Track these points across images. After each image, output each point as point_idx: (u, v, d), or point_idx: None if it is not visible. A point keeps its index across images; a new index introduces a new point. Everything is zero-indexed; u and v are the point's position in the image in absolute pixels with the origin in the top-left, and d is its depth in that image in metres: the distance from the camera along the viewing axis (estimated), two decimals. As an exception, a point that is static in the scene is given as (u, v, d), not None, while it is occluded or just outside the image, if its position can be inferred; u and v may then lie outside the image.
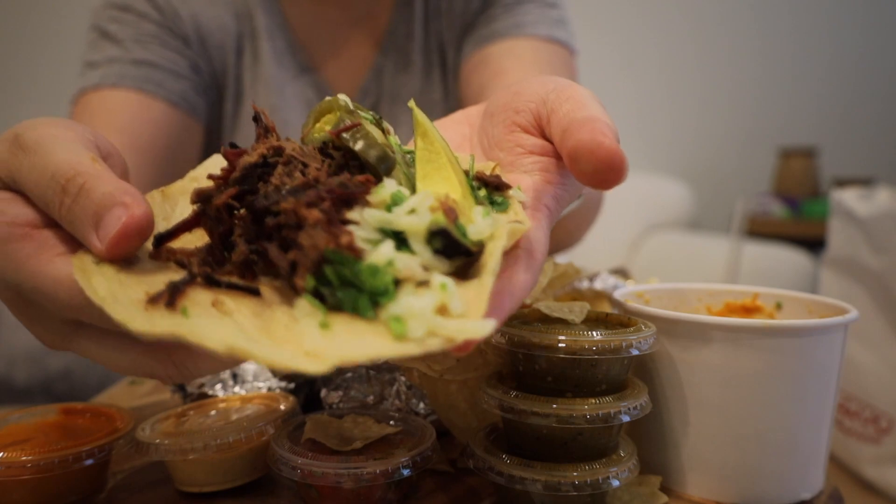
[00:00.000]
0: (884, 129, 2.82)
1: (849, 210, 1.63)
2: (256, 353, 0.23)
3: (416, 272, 0.27)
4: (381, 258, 0.27)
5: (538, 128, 0.36)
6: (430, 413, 0.50)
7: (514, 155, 0.37)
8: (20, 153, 0.30)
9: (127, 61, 0.74)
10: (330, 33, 0.86)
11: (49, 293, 0.28)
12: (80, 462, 0.43)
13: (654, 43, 2.71)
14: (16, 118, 1.25)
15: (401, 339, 0.25)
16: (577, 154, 0.31)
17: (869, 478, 1.61)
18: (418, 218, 0.28)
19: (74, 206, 0.28)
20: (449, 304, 0.26)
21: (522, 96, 0.37)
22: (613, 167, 0.30)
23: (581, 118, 0.32)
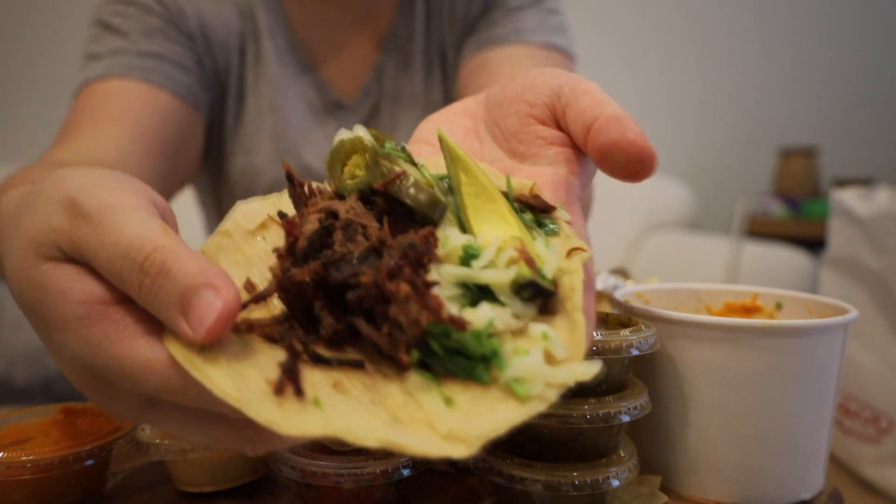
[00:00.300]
0: (884, 129, 2.81)
1: (849, 210, 1.63)
2: (408, 446, 0.24)
3: (512, 324, 0.28)
4: (481, 322, 0.28)
5: (553, 120, 0.38)
6: (430, 413, 0.50)
7: (534, 147, 0.38)
8: (82, 223, 0.27)
9: (133, 53, 0.74)
10: (331, 33, 0.86)
11: (138, 378, 0.26)
12: (80, 462, 0.43)
13: (654, 44, 2.71)
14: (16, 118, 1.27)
15: (526, 401, 0.26)
16: (608, 150, 0.33)
17: (869, 478, 1.61)
18: (503, 273, 0.29)
19: (155, 287, 0.26)
20: (553, 352, 0.27)
21: (535, 89, 0.38)
22: (644, 162, 0.33)
23: (607, 117, 0.34)
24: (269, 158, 0.83)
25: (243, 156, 0.84)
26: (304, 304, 0.30)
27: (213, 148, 0.86)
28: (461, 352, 0.27)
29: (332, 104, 0.86)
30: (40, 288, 0.28)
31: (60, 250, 0.28)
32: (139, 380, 0.26)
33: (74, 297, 0.27)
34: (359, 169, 0.35)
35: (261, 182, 0.84)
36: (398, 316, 0.27)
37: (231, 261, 0.33)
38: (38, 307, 0.28)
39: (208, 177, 0.90)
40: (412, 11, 0.86)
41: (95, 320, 0.27)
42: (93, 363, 0.27)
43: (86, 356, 0.27)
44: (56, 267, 0.28)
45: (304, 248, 0.30)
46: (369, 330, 0.28)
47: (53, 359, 0.31)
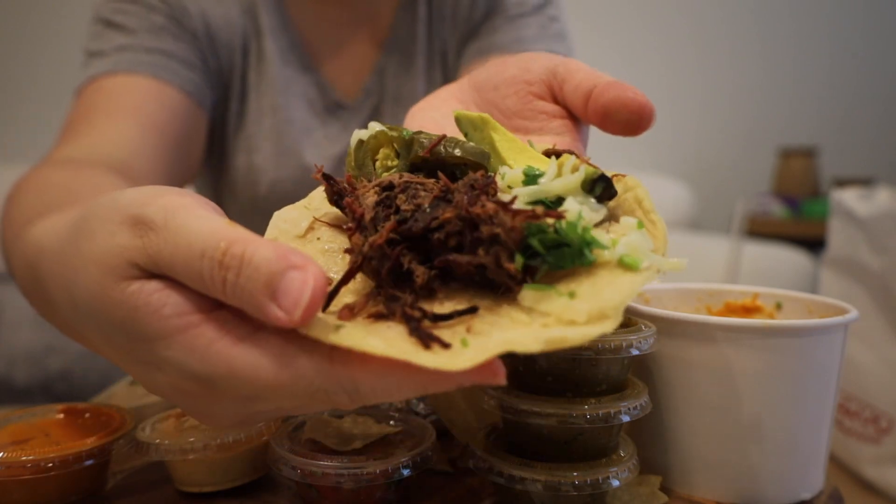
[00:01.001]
0: (884, 129, 2.81)
1: (849, 210, 1.63)
2: (568, 338, 0.25)
3: (593, 217, 0.31)
4: (572, 214, 0.30)
5: (551, 96, 0.42)
6: (430, 413, 0.50)
7: (539, 121, 0.42)
8: (151, 233, 0.27)
9: (140, 49, 0.74)
10: (333, 33, 0.86)
11: (248, 377, 0.27)
12: (80, 462, 0.43)
13: (654, 43, 2.71)
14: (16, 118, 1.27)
15: (635, 272, 0.28)
16: (611, 108, 0.38)
17: (869, 478, 1.61)
18: (572, 176, 0.32)
19: (241, 280, 0.26)
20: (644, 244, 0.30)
21: (530, 69, 0.43)
22: (644, 114, 0.37)
23: (606, 82, 0.39)
24: (270, 158, 0.83)
25: (244, 155, 0.84)
26: (391, 266, 0.30)
27: (215, 147, 0.86)
28: (562, 243, 0.29)
29: (333, 104, 0.86)
30: (130, 308, 0.28)
31: (138, 267, 0.28)
32: (251, 378, 0.27)
33: (169, 311, 0.27)
34: (390, 160, 0.37)
35: (262, 181, 0.84)
36: (493, 230, 0.29)
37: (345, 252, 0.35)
38: (131, 327, 0.28)
39: (209, 176, 0.90)
40: (414, 12, 0.86)
41: (197, 328, 0.27)
42: (200, 370, 0.27)
43: (194, 363, 0.27)
44: (141, 286, 0.28)
45: (373, 216, 0.31)
46: (467, 258, 0.29)
47: (140, 378, 0.31)
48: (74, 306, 0.30)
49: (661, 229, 0.31)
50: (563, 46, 0.83)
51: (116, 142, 0.67)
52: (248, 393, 0.28)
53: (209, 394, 0.29)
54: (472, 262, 0.29)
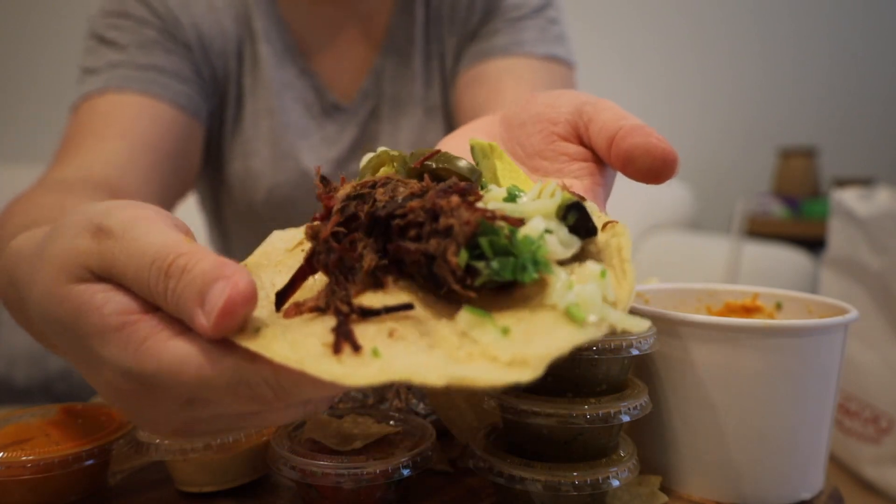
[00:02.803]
0: (884, 129, 2.81)
1: (849, 210, 1.63)
2: (473, 378, 0.24)
3: (558, 249, 0.30)
4: (535, 231, 0.29)
5: (576, 137, 0.41)
6: (430, 413, 0.50)
7: (559, 163, 0.40)
8: (108, 240, 0.29)
9: (130, 65, 0.74)
10: (329, 35, 0.85)
11: (176, 370, 0.27)
12: (80, 462, 0.43)
13: (654, 43, 2.71)
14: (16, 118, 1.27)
15: (580, 326, 0.26)
16: (633, 154, 0.36)
17: (869, 478, 1.61)
18: (549, 200, 0.31)
19: (179, 288, 0.27)
20: (606, 293, 0.28)
21: (557, 107, 0.41)
22: (668, 162, 0.36)
23: (630, 126, 0.37)
24: (268, 162, 0.83)
25: (242, 160, 0.84)
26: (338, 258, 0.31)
27: (213, 153, 0.86)
28: (511, 251, 0.28)
29: (330, 107, 0.86)
30: (75, 306, 0.29)
31: (89, 271, 0.29)
32: (176, 372, 0.27)
33: (110, 309, 0.29)
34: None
35: (260, 186, 0.84)
36: (448, 221, 0.28)
37: (274, 270, 0.35)
38: (75, 324, 0.29)
39: (207, 182, 0.90)
40: (411, 14, 0.85)
41: (132, 326, 0.28)
42: (132, 366, 0.28)
43: (126, 359, 0.28)
44: (88, 286, 0.29)
45: (339, 207, 0.31)
46: (416, 245, 0.29)
47: (88, 379, 0.32)
48: (33, 305, 0.32)
49: (629, 283, 0.29)
50: (563, 49, 0.83)
51: (107, 162, 0.67)
52: (179, 392, 0.29)
53: (146, 394, 0.30)
54: (419, 248, 0.29)
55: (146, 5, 0.78)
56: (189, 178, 0.82)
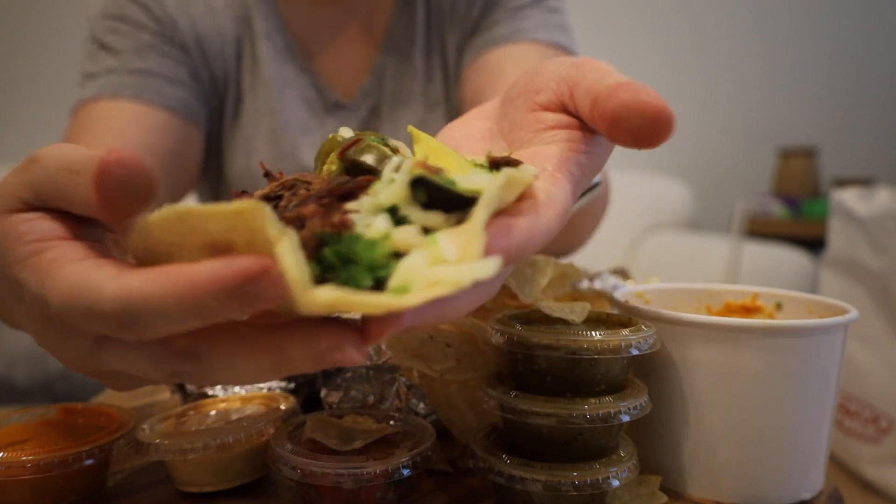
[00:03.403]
0: (884, 129, 2.81)
1: (849, 210, 1.63)
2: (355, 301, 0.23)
3: (415, 239, 0.26)
4: (376, 232, 0.26)
5: (560, 104, 0.35)
6: (430, 413, 0.50)
7: (532, 132, 0.35)
8: (33, 165, 0.29)
9: (124, 71, 0.75)
10: (329, 34, 0.85)
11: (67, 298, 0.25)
12: (80, 462, 0.43)
13: (654, 43, 2.71)
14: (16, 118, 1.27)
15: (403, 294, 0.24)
16: (621, 114, 0.30)
17: (869, 478, 1.61)
18: (397, 181, 0.27)
19: (81, 178, 0.27)
20: (443, 254, 0.25)
21: (541, 76, 0.37)
22: (661, 121, 0.29)
23: (615, 83, 0.31)
24: (268, 161, 0.83)
25: (242, 159, 0.84)
26: None
27: (213, 153, 0.86)
28: (353, 259, 0.26)
29: (331, 105, 0.86)
30: (2, 236, 0.29)
31: (24, 201, 0.29)
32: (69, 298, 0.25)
33: (32, 236, 0.28)
34: (333, 163, 0.36)
35: (260, 185, 0.84)
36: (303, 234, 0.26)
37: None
38: (2, 256, 0.29)
39: (208, 182, 0.90)
40: (412, 11, 0.86)
41: (46, 251, 0.28)
42: (38, 292, 0.27)
43: (34, 285, 0.27)
44: (18, 216, 0.29)
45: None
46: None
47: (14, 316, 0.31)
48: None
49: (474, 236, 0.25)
50: (565, 38, 0.82)
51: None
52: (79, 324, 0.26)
53: (57, 326, 0.28)
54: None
55: (144, 8, 0.78)
56: (185, 182, 0.82)
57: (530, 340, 0.40)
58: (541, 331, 0.41)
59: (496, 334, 0.42)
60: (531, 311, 0.46)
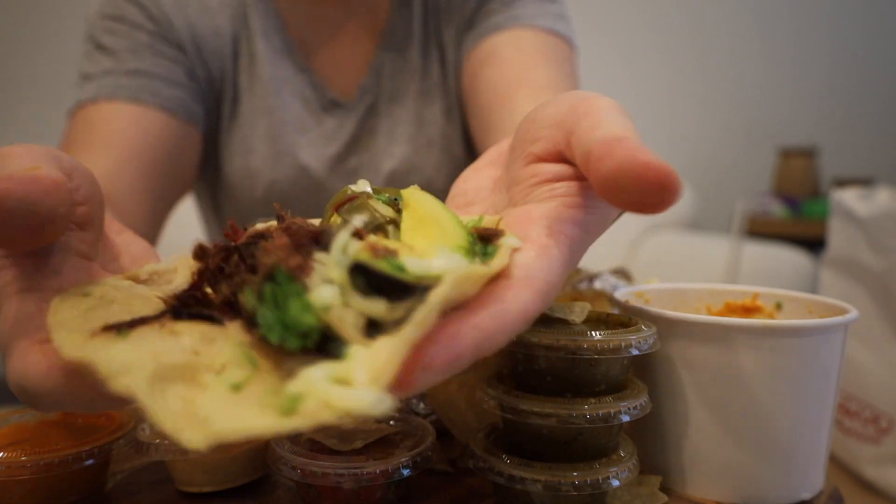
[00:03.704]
0: (884, 129, 2.81)
1: (849, 210, 1.63)
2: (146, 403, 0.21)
3: (345, 324, 0.24)
4: (319, 299, 0.24)
5: (557, 154, 0.32)
6: (430, 413, 0.50)
7: (528, 186, 0.32)
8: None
9: (121, 73, 0.75)
10: (327, 32, 0.86)
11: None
12: (80, 462, 0.43)
13: (654, 43, 2.71)
14: (16, 118, 1.27)
15: (289, 415, 0.22)
16: (617, 179, 0.26)
17: (869, 478, 1.61)
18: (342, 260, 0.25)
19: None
20: (352, 374, 0.22)
21: (537, 123, 0.33)
22: (665, 187, 0.25)
23: (606, 136, 0.27)
24: (266, 160, 0.83)
25: (240, 158, 0.84)
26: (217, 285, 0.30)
27: (210, 153, 0.86)
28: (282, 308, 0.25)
29: (328, 103, 0.86)
30: None
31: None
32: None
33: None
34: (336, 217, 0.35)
35: (258, 184, 0.84)
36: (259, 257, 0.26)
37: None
38: None
39: (206, 182, 0.90)
40: (409, 8, 0.86)
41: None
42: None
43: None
44: None
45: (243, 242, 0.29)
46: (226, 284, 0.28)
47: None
48: None
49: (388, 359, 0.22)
50: (563, 27, 0.82)
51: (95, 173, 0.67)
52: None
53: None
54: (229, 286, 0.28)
55: (140, 7, 0.78)
56: (184, 182, 0.82)
57: (530, 340, 0.40)
58: (541, 331, 0.41)
59: (496, 334, 0.42)
60: (531, 311, 0.45)
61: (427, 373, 0.22)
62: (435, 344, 0.23)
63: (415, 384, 0.22)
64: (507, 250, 0.27)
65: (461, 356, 0.23)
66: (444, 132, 0.87)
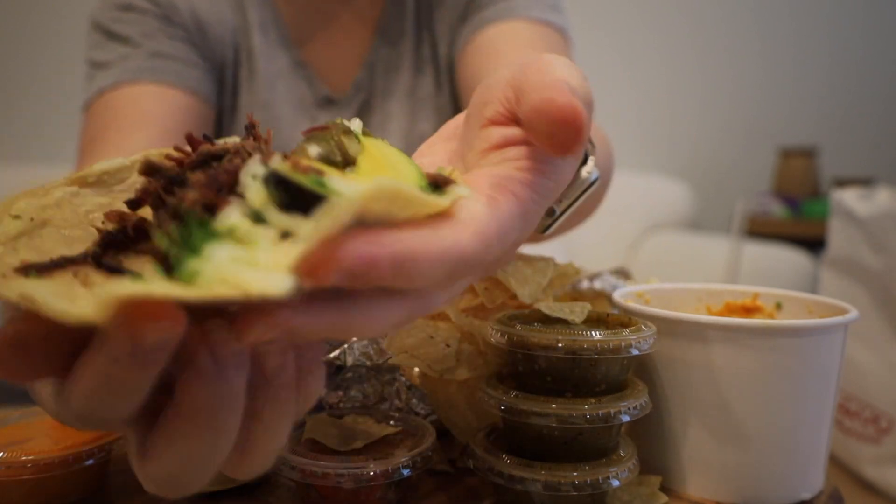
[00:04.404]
0: (884, 129, 2.81)
1: (849, 210, 1.63)
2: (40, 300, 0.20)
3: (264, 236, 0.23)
4: (222, 223, 0.23)
5: (509, 115, 0.31)
6: (430, 413, 0.50)
7: (480, 152, 0.31)
8: None
9: (140, 56, 0.75)
10: (323, 28, 0.86)
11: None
12: (80, 462, 0.43)
13: (654, 43, 2.71)
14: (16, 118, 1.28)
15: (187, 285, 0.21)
16: (530, 118, 0.27)
17: (869, 478, 1.61)
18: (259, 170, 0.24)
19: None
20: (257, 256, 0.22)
21: (491, 87, 0.32)
22: (567, 122, 0.26)
23: (538, 81, 0.27)
24: None
25: None
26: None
27: None
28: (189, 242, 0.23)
29: (323, 99, 0.87)
30: None
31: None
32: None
33: None
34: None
35: None
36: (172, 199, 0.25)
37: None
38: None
39: None
40: (403, 5, 0.86)
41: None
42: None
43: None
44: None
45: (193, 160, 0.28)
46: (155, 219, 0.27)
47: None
48: None
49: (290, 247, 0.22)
50: (558, 18, 0.81)
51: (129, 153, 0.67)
52: None
53: None
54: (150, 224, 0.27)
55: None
56: None
57: (530, 340, 0.40)
58: (541, 331, 0.41)
59: (496, 334, 0.42)
60: (531, 311, 0.46)
61: (338, 266, 0.21)
62: (353, 239, 0.22)
63: (325, 276, 0.21)
64: (453, 195, 0.27)
65: (376, 260, 0.22)
66: (436, 127, 0.87)
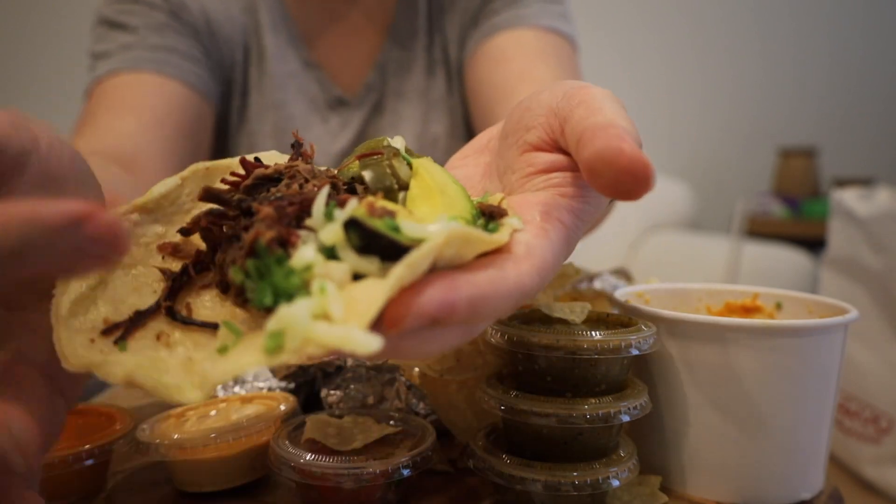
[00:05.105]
0: (884, 129, 2.81)
1: (849, 210, 1.63)
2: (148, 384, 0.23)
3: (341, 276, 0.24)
4: (299, 261, 0.24)
5: (552, 143, 0.32)
6: (430, 413, 0.50)
7: (524, 176, 0.32)
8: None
9: (142, 47, 0.75)
10: (334, 29, 0.86)
11: None
12: (80, 462, 0.43)
13: (654, 43, 2.71)
14: (16, 118, 1.23)
15: (275, 353, 0.23)
16: (594, 165, 0.27)
17: (869, 478, 1.61)
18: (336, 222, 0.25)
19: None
20: (329, 309, 0.23)
21: (532, 111, 0.34)
22: (637, 176, 0.26)
23: (594, 124, 0.28)
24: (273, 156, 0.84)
25: (247, 152, 0.84)
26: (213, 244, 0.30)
27: (219, 146, 0.86)
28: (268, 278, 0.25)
29: (334, 100, 0.87)
30: None
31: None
32: None
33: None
34: (354, 166, 0.35)
35: None
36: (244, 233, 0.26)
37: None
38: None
39: None
40: (414, 6, 0.86)
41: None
42: None
43: None
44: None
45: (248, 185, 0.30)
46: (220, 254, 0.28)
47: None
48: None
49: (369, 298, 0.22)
50: (566, 26, 0.83)
51: (119, 135, 0.68)
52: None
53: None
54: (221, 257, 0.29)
55: None
56: (202, 158, 0.82)
57: (530, 340, 0.40)
58: (541, 331, 0.41)
59: (496, 334, 0.42)
60: (531, 311, 0.46)
61: (419, 315, 0.22)
62: (431, 287, 0.23)
63: (405, 325, 0.22)
64: (508, 228, 0.28)
65: (455, 306, 0.23)
66: (448, 129, 0.88)
